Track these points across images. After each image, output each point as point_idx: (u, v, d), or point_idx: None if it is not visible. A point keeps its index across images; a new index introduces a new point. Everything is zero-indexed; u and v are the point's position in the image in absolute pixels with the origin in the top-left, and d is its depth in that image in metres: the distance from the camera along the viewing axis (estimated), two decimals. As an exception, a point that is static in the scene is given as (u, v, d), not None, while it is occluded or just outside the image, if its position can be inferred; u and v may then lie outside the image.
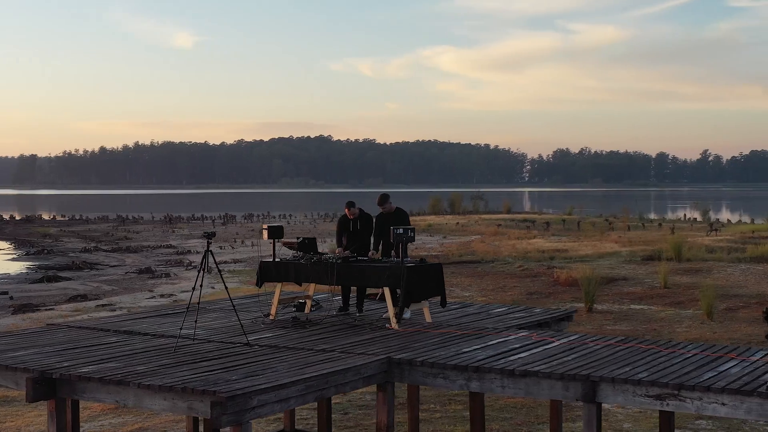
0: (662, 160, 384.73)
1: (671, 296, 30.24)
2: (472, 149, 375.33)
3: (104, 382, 9.22)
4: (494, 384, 9.76)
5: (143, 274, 39.45)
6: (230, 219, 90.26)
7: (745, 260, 40.77)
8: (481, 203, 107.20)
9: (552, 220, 75.24)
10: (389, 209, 13.94)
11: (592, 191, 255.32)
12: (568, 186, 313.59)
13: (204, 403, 8.69)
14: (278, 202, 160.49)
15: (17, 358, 10.23)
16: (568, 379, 9.32)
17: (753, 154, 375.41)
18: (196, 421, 12.90)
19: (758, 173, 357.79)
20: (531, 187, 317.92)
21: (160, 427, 15.33)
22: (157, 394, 8.97)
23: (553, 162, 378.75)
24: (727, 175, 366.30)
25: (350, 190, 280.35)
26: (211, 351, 10.77)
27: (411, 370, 10.19)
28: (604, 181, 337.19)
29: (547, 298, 29.30)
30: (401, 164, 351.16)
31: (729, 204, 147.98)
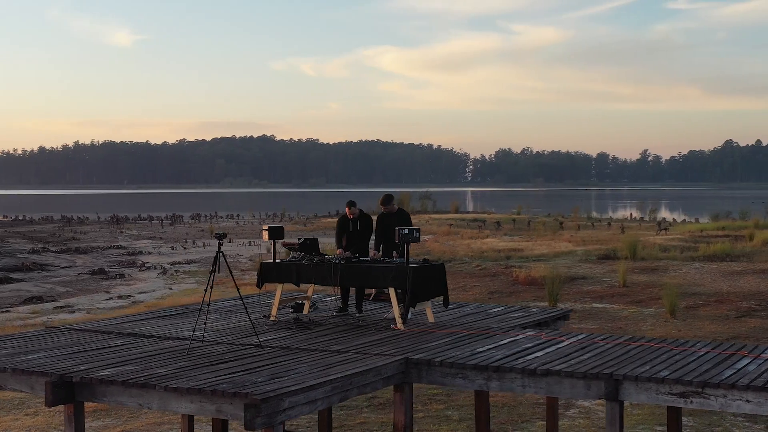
0: (603, 160, 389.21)
1: (631, 295, 30.61)
2: (415, 149, 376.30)
3: (127, 385, 9.12)
4: (515, 383, 9.83)
5: (96, 275, 38.97)
6: (178, 219, 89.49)
7: (699, 259, 41.43)
8: (430, 203, 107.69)
9: (502, 220, 75.75)
10: (391, 210, 13.94)
11: (535, 191, 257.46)
12: (510, 186, 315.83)
13: (234, 406, 8.63)
14: (222, 202, 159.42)
15: (31, 362, 10.06)
16: (591, 377, 9.42)
17: (691, 154, 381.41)
18: (191, 423, 12.80)
19: (696, 173, 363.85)
20: (474, 187, 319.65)
21: (142, 429, 15.19)
22: (183, 397, 8.89)
23: (495, 162, 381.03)
24: (666, 174, 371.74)
25: (294, 189, 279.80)
26: (224, 353, 10.70)
27: (429, 371, 10.22)
28: (545, 180, 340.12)
29: (508, 297, 29.50)
30: (345, 164, 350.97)
31: (669, 203, 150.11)
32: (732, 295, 29.84)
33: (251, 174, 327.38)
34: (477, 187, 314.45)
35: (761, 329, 23.85)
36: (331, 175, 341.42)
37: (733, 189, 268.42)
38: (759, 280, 33.45)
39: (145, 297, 32.37)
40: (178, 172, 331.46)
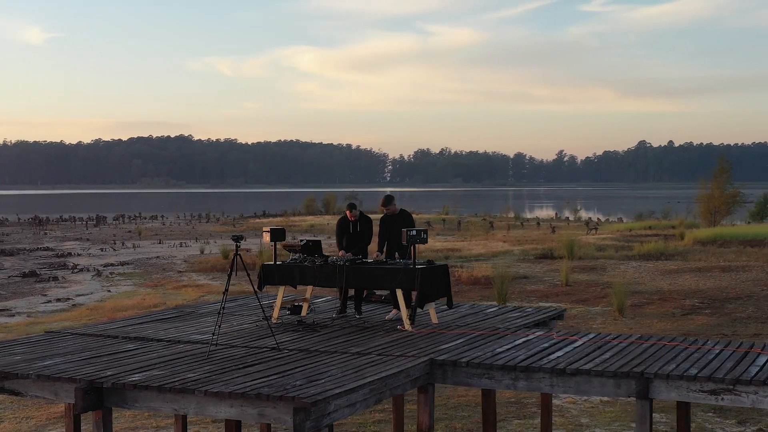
0: (520, 161, 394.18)
1: (575, 294, 31.08)
2: (334, 149, 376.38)
3: (162, 390, 8.97)
4: (543, 383, 9.92)
5: (28, 277, 38.21)
6: (101, 220, 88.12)
7: (635, 258, 42.29)
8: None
9: (432, 220, 76.23)
10: (393, 211, 13.93)
11: (453, 191, 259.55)
12: (429, 186, 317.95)
13: (277, 410, 8.56)
14: (139, 203, 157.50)
15: (52, 368, 9.82)
16: (621, 376, 9.56)
17: (606, 154, 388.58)
18: (185, 423, 12.65)
19: (611, 173, 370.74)
20: (393, 187, 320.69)
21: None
22: (223, 401, 8.79)
23: (414, 162, 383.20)
24: (581, 174, 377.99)
25: (212, 190, 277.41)
26: (245, 356, 10.59)
27: (455, 371, 10.25)
28: (464, 180, 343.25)
29: (455, 297, 29.79)
30: (263, 164, 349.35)
31: (586, 203, 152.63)
32: (674, 294, 30.47)
33: (168, 174, 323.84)
34: (396, 188, 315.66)
35: (709, 326, 24.41)
36: (249, 176, 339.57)
37: (647, 189, 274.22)
38: (697, 278, 34.23)
39: (84, 300, 31.86)
40: (94, 173, 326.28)
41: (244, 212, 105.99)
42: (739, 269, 36.44)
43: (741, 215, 71.97)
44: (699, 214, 69.52)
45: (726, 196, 66.45)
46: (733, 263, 38.60)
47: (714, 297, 29.57)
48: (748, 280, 33.27)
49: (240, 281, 35.59)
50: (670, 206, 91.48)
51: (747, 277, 34.24)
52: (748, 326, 24.55)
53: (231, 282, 11.59)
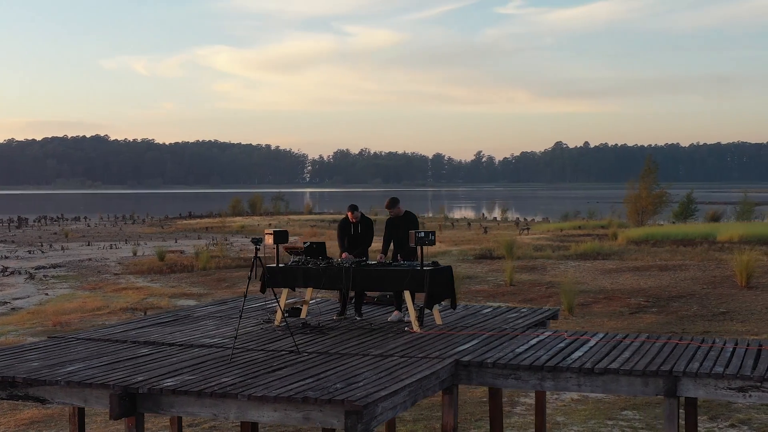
0: (439, 161, 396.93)
1: (520, 293, 31.45)
2: (253, 150, 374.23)
3: (202, 395, 8.87)
4: (570, 383, 10.05)
5: (-42, 280, 37.34)
6: (23, 222, 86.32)
7: (572, 257, 42.93)
8: (282, 204, 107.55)
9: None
10: (397, 213, 13.90)
11: (373, 191, 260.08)
12: (348, 186, 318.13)
13: (324, 413, 8.53)
14: (55, 204, 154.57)
15: (78, 374, 9.63)
16: (650, 375, 9.74)
17: (523, 155, 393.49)
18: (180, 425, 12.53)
19: (528, 174, 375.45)
20: (312, 188, 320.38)
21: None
22: (266, 405, 8.73)
23: (333, 162, 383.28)
24: (499, 175, 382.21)
25: (129, 191, 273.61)
26: (267, 360, 10.52)
27: (480, 372, 10.33)
28: (383, 181, 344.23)
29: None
30: (181, 165, 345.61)
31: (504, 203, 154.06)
32: (618, 293, 31.02)
33: (84, 175, 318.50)
34: (316, 188, 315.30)
35: (658, 324, 24.92)
36: (167, 176, 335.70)
37: (564, 189, 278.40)
38: (637, 277, 34.88)
39: (22, 303, 31.31)
40: (7, 173, 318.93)
41: (164, 213, 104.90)
42: (676, 268, 37.21)
43: (665, 215, 73.49)
44: (626, 214, 70.83)
45: (653, 197, 67.82)
46: (669, 262, 39.39)
47: (657, 296, 30.16)
48: (687, 279, 34.00)
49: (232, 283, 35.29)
50: (596, 206, 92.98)
51: (685, 275, 34.99)
52: (695, 324, 25.09)
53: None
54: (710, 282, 33.05)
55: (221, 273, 39.13)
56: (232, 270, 40.25)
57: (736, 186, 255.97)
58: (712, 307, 27.90)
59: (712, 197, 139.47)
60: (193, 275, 38.81)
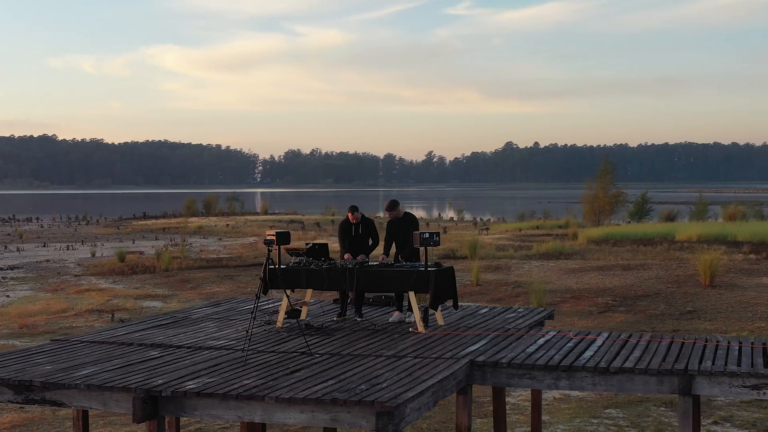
0: (390, 161, 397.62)
1: (487, 293, 31.59)
2: (203, 150, 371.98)
3: (227, 397, 8.82)
4: (585, 382, 10.15)
5: None
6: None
7: (535, 257, 43.23)
8: (237, 204, 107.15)
9: (321, 221, 76.22)
10: (397, 215, 13.90)
11: (324, 191, 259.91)
12: (300, 186, 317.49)
13: (352, 414, 8.54)
14: (2, 204, 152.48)
15: (96, 377, 9.53)
16: (665, 374, 9.86)
17: (474, 155, 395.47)
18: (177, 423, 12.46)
19: (479, 174, 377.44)
20: (264, 188, 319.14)
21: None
22: (292, 407, 8.71)
23: (284, 163, 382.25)
24: (450, 175, 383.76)
25: (78, 191, 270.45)
26: (282, 361, 10.49)
27: (495, 372, 10.39)
28: (335, 181, 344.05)
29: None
30: (131, 165, 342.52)
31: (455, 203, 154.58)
32: (584, 292, 31.28)
33: (32, 175, 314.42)
34: (267, 188, 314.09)
35: (628, 323, 25.18)
36: (117, 176, 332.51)
37: (514, 189, 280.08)
38: (601, 276, 35.21)
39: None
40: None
41: (115, 214, 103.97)
42: (639, 267, 37.60)
43: (620, 215, 74.23)
44: (583, 214, 71.45)
45: (610, 197, 68.49)
46: (631, 262, 39.80)
47: (624, 295, 30.46)
48: (651, 278, 34.37)
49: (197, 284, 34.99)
50: (550, 206, 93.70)
51: (649, 275, 35.36)
52: (665, 323, 25.38)
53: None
54: (674, 281, 33.42)
55: (184, 274, 38.86)
56: (195, 271, 40.00)
57: (683, 186, 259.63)
58: (678, 306, 28.22)
59: (662, 197, 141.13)
60: (156, 276, 38.51)
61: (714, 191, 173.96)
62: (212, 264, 42.89)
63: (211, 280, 36.64)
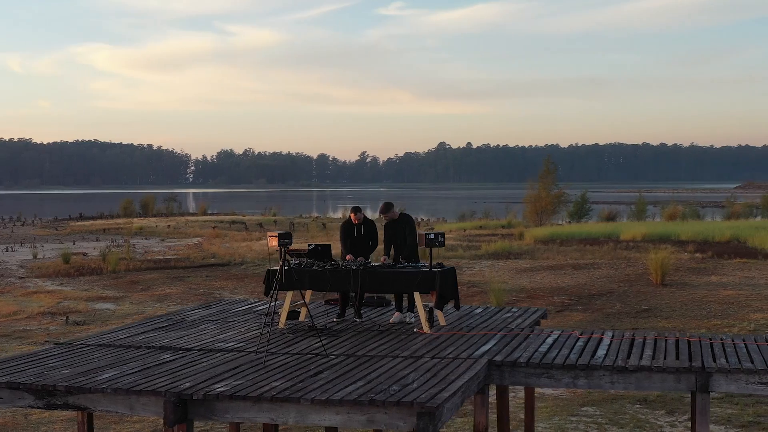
0: (323, 161, 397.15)
1: (443, 293, 31.67)
2: (134, 149, 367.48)
3: (260, 400, 8.77)
4: (603, 380, 10.29)
5: None
6: None
7: (485, 257, 43.52)
8: (175, 204, 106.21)
9: (264, 221, 75.86)
10: (393, 216, 13.88)
11: (258, 192, 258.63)
12: (233, 186, 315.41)
13: (389, 415, 8.55)
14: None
15: (119, 381, 9.38)
16: (683, 371, 10.04)
17: (407, 155, 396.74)
18: None
19: (412, 174, 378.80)
20: (196, 188, 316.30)
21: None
22: (327, 409, 8.69)
23: (217, 163, 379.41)
24: (383, 175, 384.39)
25: (5, 192, 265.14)
26: (300, 363, 10.44)
27: (513, 371, 10.47)
28: (268, 181, 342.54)
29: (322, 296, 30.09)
30: (60, 165, 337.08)
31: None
32: (539, 291, 31.60)
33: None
34: (200, 189, 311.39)
35: (588, 322, 25.51)
36: (46, 177, 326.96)
37: (448, 189, 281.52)
38: (553, 276, 35.59)
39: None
40: None
41: (46, 214, 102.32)
42: (589, 267, 38.07)
43: (559, 215, 75.01)
44: (525, 214, 72.09)
45: (552, 197, 69.23)
46: (580, 261, 40.26)
47: (579, 294, 30.83)
48: (602, 277, 34.83)
49: (147, 286, 34.54)
50: (490, 207, 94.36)
51: (600, 274, 35.82)
52: (622, 321, 25.74)
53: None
54: (625, 280, 33.88)
55: (132, 276, 38.40)
56: (144, 272, 39.55)
57: (613, 186, 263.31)
58: (634, 305, 28.62)
59: (594, 197, 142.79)
60: (104, 278, 38.01)
61: (645, 191, 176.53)
62: (160, 265, 42.42)
63: (161, 281, 36.27)
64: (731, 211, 73.04)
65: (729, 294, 29.84)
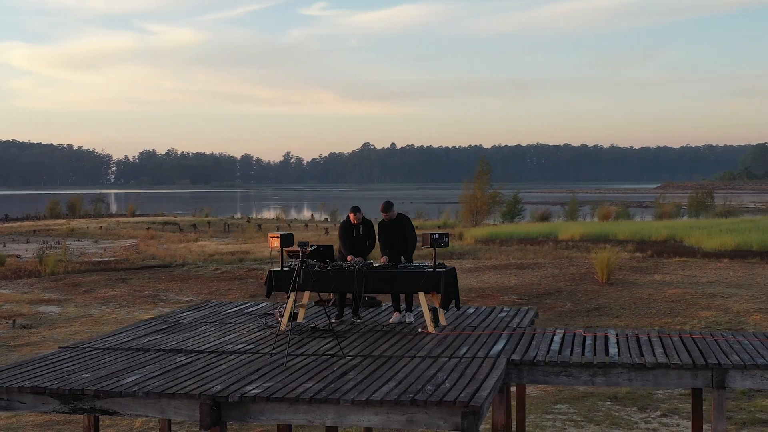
0: (247, 162, 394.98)
1: (393, 293, 31.76)
2: (54, 150, 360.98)
3: (299, 401, 8.71)
4: (621, 378, 10.44)
5: None
6: None
7: (428, 257, 43.57)
8: (103, 205, 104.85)
9: (197, 223, 75.18)
10: (391, 216, 13.85)
11: (181, 192, 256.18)
12: (156, 187, 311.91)
13: (430, 415, 8.57)
14: None
15: (146, 385, 9.23)
16: (700, 368, 10.24)
17: (332, 156, 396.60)
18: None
19: (337, 174, 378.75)
20: (118, 189, 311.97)
21: None
22: (366, 410, 8.68)
23: (139, 163, 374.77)
24: (308, 176, 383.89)
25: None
26: (321, 365, 10.38)
27: (531, 370, 10.57)
28: (191, 182, 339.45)
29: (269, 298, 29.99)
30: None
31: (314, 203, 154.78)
32: (488, 291, 31.82)
33: None
34: (121, 189, 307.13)
35: (541, 321, 25.66)
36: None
37: (372, 189, 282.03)
38: (499, 275, 35.88)
39: None
40: None
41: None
42: (533, 266, 38.46)
43: (492, 215, 75.60)
44: (460, 215, 72.52)
45: (487, 197, 69.80)
46: (523, 261, 40.66)
47: (528, 293, 31.12)
48: (548, 276, 35.23)
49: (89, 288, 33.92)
50: (422, 207, 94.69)
51: (545, 273, 36.22)
52: (575, 320, 26.04)
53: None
54: (571, 279, 34.29)
55: (73, 278, 37.75)
56: (84, 274, 38.92)
57: (536, 186, 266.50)
58: (584, 303, 28.98)
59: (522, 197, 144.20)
60: (43, 280, 37.30)
61: (569, 191, 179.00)
62: (99, 267, 41.76)
63: (103, 283, 35.73)
64: (661, 211, 74.42)
65: (675, 293, 30.35)
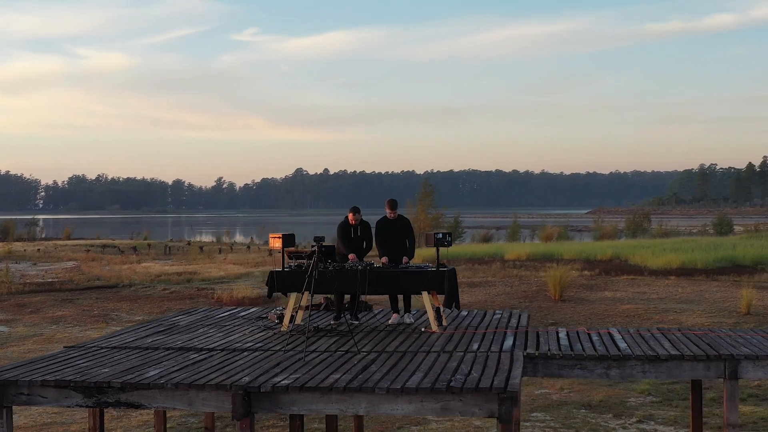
0: (179, 187, 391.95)
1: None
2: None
3: (329, 390, 8.68)
4: (635, 370, 10.58)
5: None
6: None
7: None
8: (38, 229, 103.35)
9: (137, 245, 74.41)
10: (393, 216, 13.86)
11: (111, 218, 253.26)
12: (85, 213, 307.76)
13: (465, 402, 8.60)
14: None
15: (173, 377, 9.10)
16: (713, 359, 10.43)
17: (264, 182, 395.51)
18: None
19: (270, 200, 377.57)
20: (46, 214, 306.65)
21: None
22: (400, 398, 8.68)
23: (69, 188, 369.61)
24: (240, 201, 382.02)
25: None
26: (340, 360, 10.34)
27: (546, 364, 10.66)
28: (122, 207, 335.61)
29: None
30: None
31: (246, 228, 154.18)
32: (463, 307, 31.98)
33: None
34: (50, 215, 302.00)
35: (502, 335, 25.97)
36: None
37: (305, 215, 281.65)
38: (473, 290, 36.06)
39: None
40: None
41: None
42: (484, 284, 38.70)
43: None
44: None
45: (430, 219, 70.25)
46: (474, 279, 40.88)
47: (484, 310, 31.31)
48: (501, 294, 35.48)
49: (36, 308, 33.25)
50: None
51: (497, 291, 36.47)
52: (535, 334, 26.28)
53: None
54: (524, 296, 34.57)
55: (17, 298, 37.05)
56: (28, 295, 38.22)
57: (468, 212, 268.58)
58: (540, 319, 29.18)
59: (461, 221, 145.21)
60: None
61: (502, 216, 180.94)
62: (44, 288, 41.05)
63: (50, 303, 35.15)
64: (601, 233, 75.58)
65: (628, 308, 30.75)
